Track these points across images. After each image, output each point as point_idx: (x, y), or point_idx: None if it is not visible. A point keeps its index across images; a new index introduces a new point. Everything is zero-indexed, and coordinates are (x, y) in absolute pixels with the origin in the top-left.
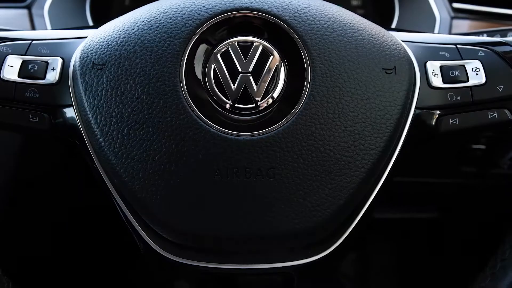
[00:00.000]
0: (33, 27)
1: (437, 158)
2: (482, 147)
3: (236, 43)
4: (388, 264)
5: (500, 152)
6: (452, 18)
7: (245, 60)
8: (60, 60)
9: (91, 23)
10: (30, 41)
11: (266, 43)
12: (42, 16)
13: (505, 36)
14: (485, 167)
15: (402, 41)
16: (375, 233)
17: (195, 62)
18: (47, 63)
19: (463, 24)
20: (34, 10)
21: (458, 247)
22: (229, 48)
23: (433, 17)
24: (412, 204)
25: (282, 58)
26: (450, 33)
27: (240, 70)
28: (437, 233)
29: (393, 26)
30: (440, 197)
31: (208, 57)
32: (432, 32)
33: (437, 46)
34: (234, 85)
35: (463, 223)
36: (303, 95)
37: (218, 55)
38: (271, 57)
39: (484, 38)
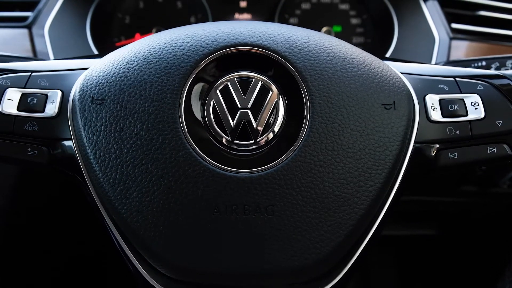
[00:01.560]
0: (33, 47)
1: (437, 177)
2: (483, 167)
3: (235, 78)
4: (388, 280)
5: (500, 172)
6: (451, 39)
7: (244, 95)
8: (59, 93)
9: (91, 43)
10: (29, 73)
11: (265, 79)
12: (43, 36)
13: (504, 64)
14: (486, 186)
15: (401, 73)
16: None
17: (194, 98)
18: (46, 95)
19: (462, 45)
20: (34, 30)
21: (458, 265)
22: (229, 84)
23: (432, 37)
24: (412, 221)
25: (281, 93)
26: (449, 54)
27: (239, 106)
28: (437, 250)
29: (393, 45)
30: (440, 214)
31: (208, 92)
32: (432, 52)
33: (436, 79)
34: (233, 121)
35: (463, 241)
36: (302, 132)
37: (218, 91)
38: (270, 92)
39: (483, 71)
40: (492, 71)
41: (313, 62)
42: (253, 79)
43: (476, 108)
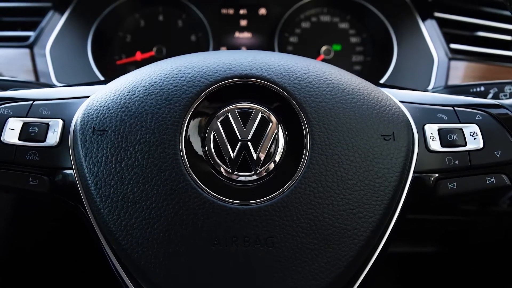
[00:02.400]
0: (34, 67)
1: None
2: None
3: (235, 110)
4: None
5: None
6: (450, 59)
7: (245, 127)
8: (60, 122)
9: (92, 62)
10: (31, 102)
11: (265, 110)
12: (44, 56)
13: (502, 89)
14: (485, 205)
15: (400, 101)
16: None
17: (195, 129)
18: (47, 125)
19: (461, 66)
20: (36, 50)
21: (459, 282)
22: (229, 115)
23: (431, 57)
24: (412, 238)
25: (281, 125)
26: (448, 75)
27: (239, 137)
28: (437, 268)
29: (392, 64)
30: (440, 232)
31: (208, 123)
32: (431, 73)
33: (434, 108)
34: (233, 152)
35: (463, 259)
36: (302, 163)
37: (218, 122)
38: (270, 124)
39: (481, 100)
40: (490, 100)
41: (312, 94)
42: (253, 110)
43: (474, 138)
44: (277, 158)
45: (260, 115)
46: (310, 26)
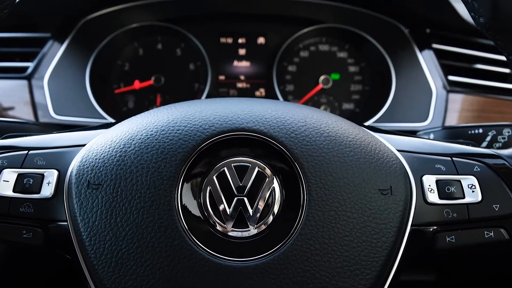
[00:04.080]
0: (32, 99)
1: None
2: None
3: (231, 164)
4: None
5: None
6: (448, 91)
7: (241, 182)
8: (55, 173)
9: (90, 93)
10: (26, 152)
11: (262, 164)
12: (42, 87)
13: (501, 132)
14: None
15: (398, 150)
16: None
17: (191, 184)
18: (42, 176)
19: (459, 99)
20: (34, 82)
21: None
22: (225, 169)
23: (429, 89)
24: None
25: (278, 179)
26: (446, 107)
27: (235, 192)
28: None
29: (391, 95)
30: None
31: (204, 178)
32: (429, 105)
33: (432, 158)
34: (229, 208)
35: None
36: (299, 220)
37: (214, 177)
38: (267, 178)
39: (479, 150)
40: (488, 150)
41: (310, 148)
42: (250, 165)
43: (473, 191)
44: (273, 214)
45: (256, 169)
46: (308, 55)
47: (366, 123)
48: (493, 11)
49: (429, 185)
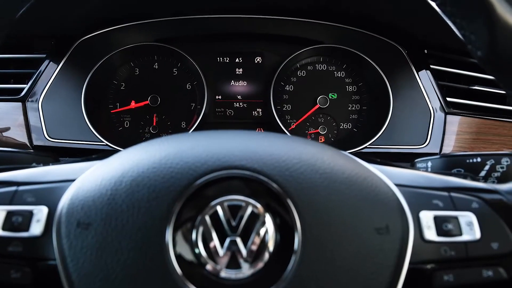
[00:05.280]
0: (26, 121)
1: None
2: None
3: (224, 203)
4: None
5: None
6: (446, 113)
7: (234, 221)
8: (45, 210)
9: (85, 115)
10: (15, 188)
11: (256, 203)
12: (36, 109)
13: (499, 161)
14: None
15: (395, 184)
16: None
17: (183, 224)
18: (31, 213)
19: (457, 121)
20: (28, 104)
21: None
22: (218, 209)
23: (428, 111)
24: None
25: (272, 218)
26: (444, 128)
27: (229, 233)
28: None
29: (388, 117)
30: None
31: (196, 217)
32: (427, 126)
33: (430, 193)
34: (222, 249)
35: None
36: (294, 260)
37: (207, 216)
38: (261, 218)
39: (477, 185)
40: (486, 185)
41: (305, 186)
42: (243, 204)
43: (471, 229)
44: (267, 254)
45: (250, 208)
46: (306, 75)
47: (364, 145)
48: (491, 45)
49: (427, 222)
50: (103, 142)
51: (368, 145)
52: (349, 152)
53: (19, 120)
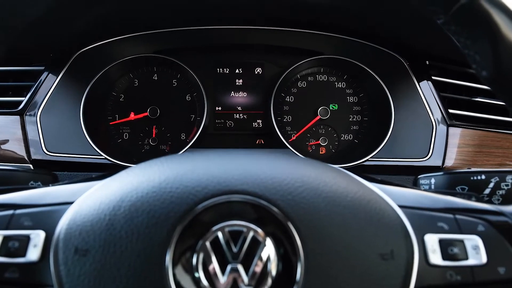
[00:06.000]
0: (24, 134)
1: None
2: None
3: (225, 229)
4: None
5: None
6: (448, 125)
7: (235, 247)
8: (42, 235)
9: (84, 129)
10: (12, 212)
11: (257, 229)
12: (35, 123)
13: (504, 179)
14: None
15: (399, 206)
16: None
17: (183, 251)
18: (28, 238)
19: (459, 133)
20: (26, 117)
21: None
22: (219, 235)
23: (430, 123)
24: None
25: (274, 244)
26: (447, 141)
27: (230, 260)
28: None
29: (390, 129)
30: None
31: (196, 244)
32: (430, 139)
33: (435, 215)
34: (223, 276)
35: None
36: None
37: (207, 242)
38: (263, 245)
39: (482, 206)
40: (492, 207)
41: (307, 210)
42: (245, 229)
43: (477, 253)
44: (269, 282)
45: (251, 234)
46: (306, 86)
47: (366, 158)
48: (496, 64)
49: (432, 245)
50: (102, 155)
51: (370, 158)
52: (351, 166)
53: (17, 134)
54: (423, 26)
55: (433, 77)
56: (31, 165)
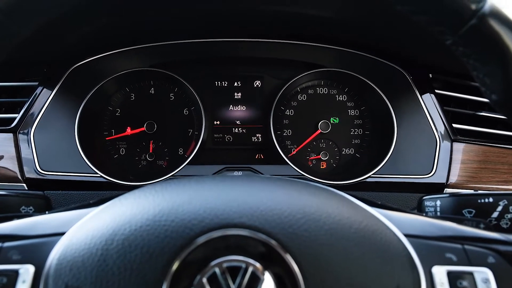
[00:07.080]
0: (18, 152)
1: None
2: None
3: (223, 265)
4: None
5: None
6: (453, 140)
7: (234, 284)
8: (31, 269)
9: (79, 146)
10: (0, 245)
11: (256, 264)
12: (28, 141)
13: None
14: None
15: (405, 235)
16: None
17: None
18: (17, 273)
19: (463, 148)
20: (20, 135)
21: None
22: (216, 271)
23: (433, 138)
24: None
25: (274, 281)
26: (451, 156)
27: None
28: None
29: (393, 144)
30: None
31: (193, 280)
32: (433, 154)
33: (442, 246)
34: None
35: None
36: None
37: (204, 279)
38: (262, 281)
39: (492, 235)
40: (502, 236)
41: (309, 245)
42: (244, 265)
43: (488, 287)
44: None
45: (250, 270)
46: (306, 99)
47: (368, 175)
48: (507, 88)
49: (440, 278)
50: (97, 173)
51: (372, 174)
52: (353, 182)
53: (11, 152)
54: (429, 43)
55: (436, 91)
56: (24, 184)
